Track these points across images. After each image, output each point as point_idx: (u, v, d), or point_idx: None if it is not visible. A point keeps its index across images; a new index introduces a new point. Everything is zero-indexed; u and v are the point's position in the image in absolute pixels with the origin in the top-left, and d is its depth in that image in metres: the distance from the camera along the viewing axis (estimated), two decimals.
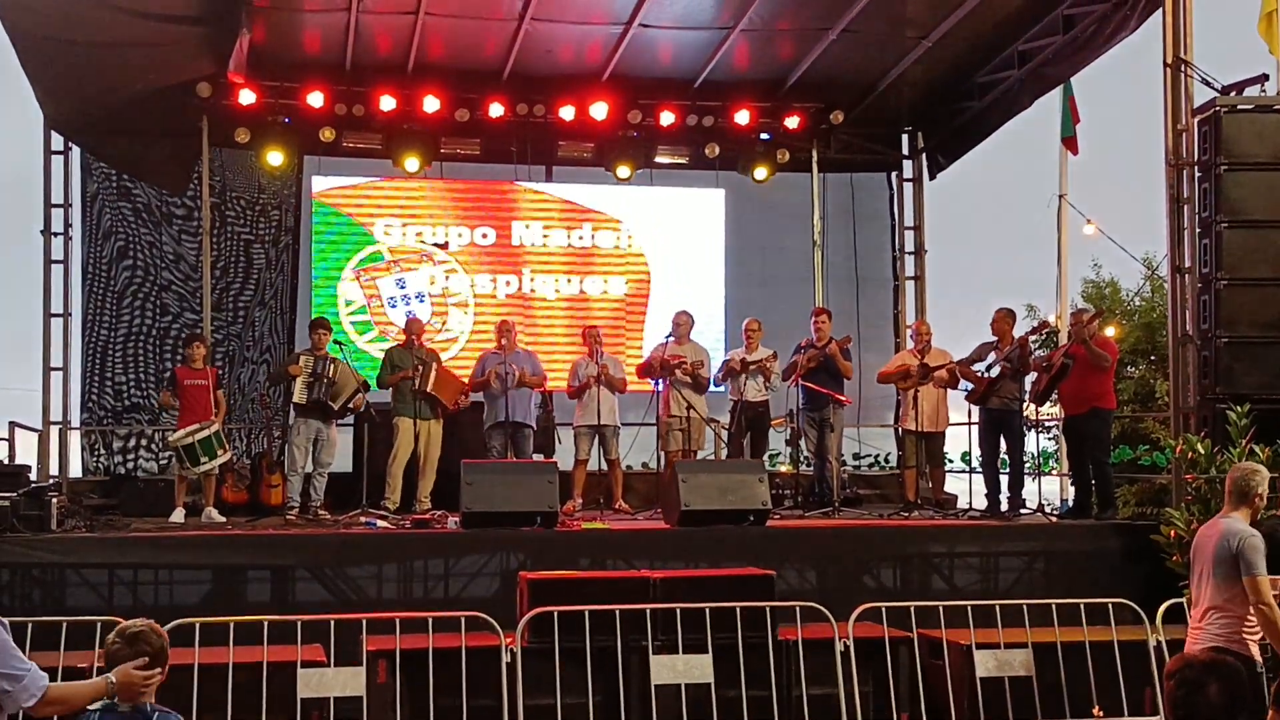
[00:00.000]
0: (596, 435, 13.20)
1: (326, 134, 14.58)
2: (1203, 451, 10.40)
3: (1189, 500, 10.44)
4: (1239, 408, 10.48)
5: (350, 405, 12.63)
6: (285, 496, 12.57)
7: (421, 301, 15.35)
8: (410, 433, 12.57)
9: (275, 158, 14.54)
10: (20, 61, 12.64)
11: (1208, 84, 11.41)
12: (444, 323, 15.47)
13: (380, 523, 11.48)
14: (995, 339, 12.80)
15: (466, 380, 13.33)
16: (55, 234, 14.71)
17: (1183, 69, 11.40)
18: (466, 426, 13.47)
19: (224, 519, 12.10)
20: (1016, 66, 14.52)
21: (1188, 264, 11.38)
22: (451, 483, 11.79)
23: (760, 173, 15.71)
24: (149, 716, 4.81)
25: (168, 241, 15.06)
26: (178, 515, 11.95)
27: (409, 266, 15.44)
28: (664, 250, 16.11)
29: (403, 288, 15.39)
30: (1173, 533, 10.27)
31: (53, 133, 14.59)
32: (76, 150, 14.79)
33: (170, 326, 14.99)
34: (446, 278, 15.52)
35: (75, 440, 14.79)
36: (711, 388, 13.68)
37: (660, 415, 13.36)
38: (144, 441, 14.87)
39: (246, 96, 14.12)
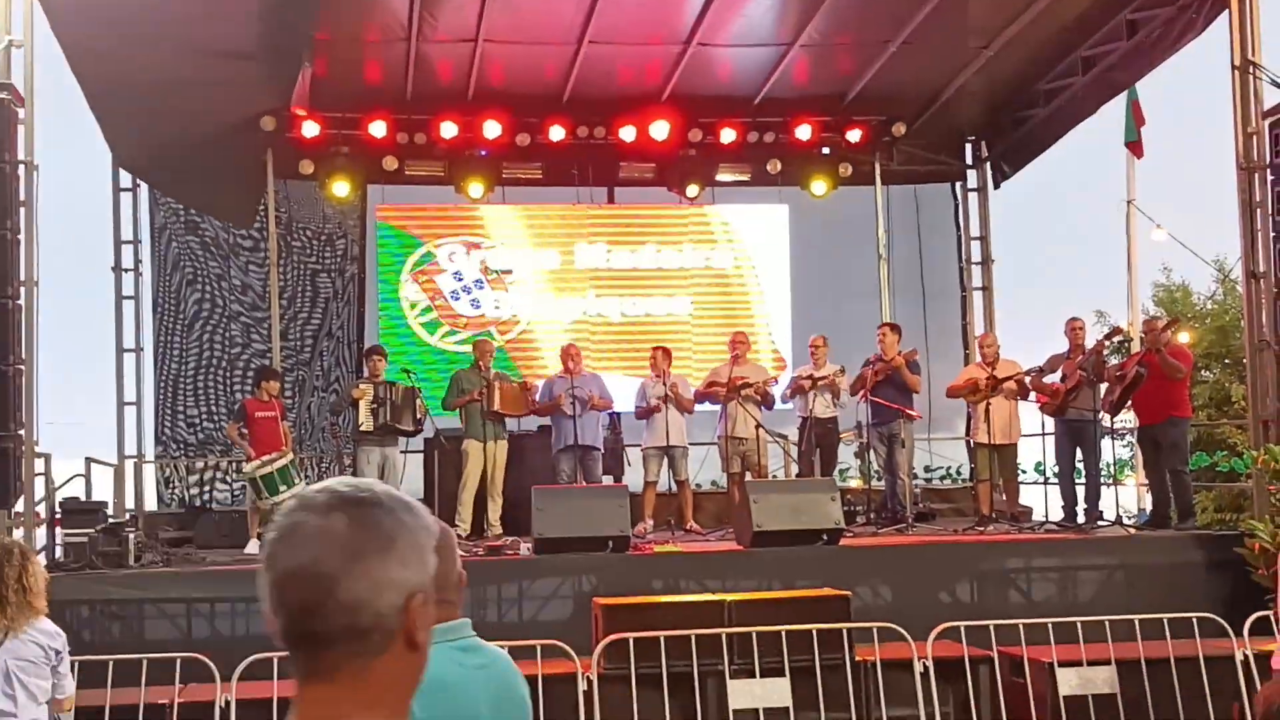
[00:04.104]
0: (665, 456, 13.16)
1: (389, 163, 14.68)
2: None
3: (1273, 512, 10.24)
4: None
5: (418, 417, 12.68)
6: None
7: (481, 287, 15.52)
8: (480, 457, 12.63)
9: (341, 188, 14.64)
10: (88, 103, 12.81)
11: (1278, 85, 11.23)
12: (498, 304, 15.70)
13: None
14: (1066, 350, 12.63)
15: (529, 388, 13.39)
16: (125, 270, 14.91)
17: (1251, 71, 11.23)
18: (534, 451, 13.50)
19: None
20: (1080, 73, 14.36)
21: (1262, 269, 11.19)
22: (521, 508, 11.81)
23: (820, 187, 15.59)
24: None
25: (235, 273, 15.22)
26: (253, 547, 11.99)
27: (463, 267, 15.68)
28: (728, 267, 16.08)
29: (460, 279, 15.55)
30: (1256, 546, 10.09)
31: (121, 170, 14.80)
32: (144, 186, 14.98)
33: (239, 357, 15.14)
34: (506, 306, 15.61)
35: (150, 473, 14.97)
36: (779, 405, 13.60)
37: (724, 436, 13.28)
38: (218, 474, 15.01)
39: (310, 129, 14.25)
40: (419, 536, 1.80)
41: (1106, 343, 13.05)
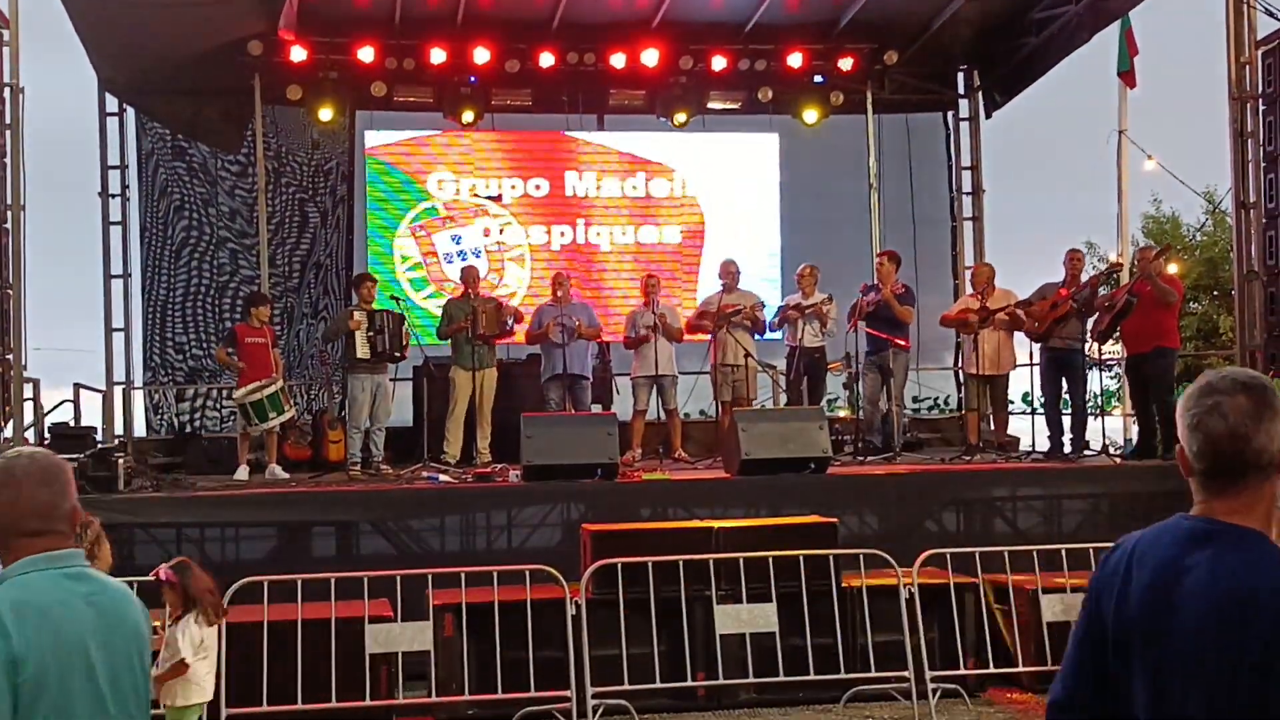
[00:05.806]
0: (654, 385, 13.17)
1: (378, 89, 14.55)
2: None
3: None
4: None
5: (405, 344, 12.65)
6: (347, 452, 12.63)
7: (478, 257, 15.35)
8: (467, 384, 12.62)
9: (326, 113, 14.53)
10: (73, 25, 12.69)
11: (1271, 15, 11.19)
12: (501, 277, 15.47)
13: (442, 476, 11.52)
14: (1062, 280, 12.57)
15: (506, 307, 13.33)
16: (113, 195, 14.83)
17: (1245, 0, 11.17)
18: (524, 379, 13.50)
19: (287, 475, 12.19)
20: (1074, 1, 14.25)
21: (1252, 199, 11.19)
22: (511, 435, 11.80)
23: (811, 115, 15.51)
24: None
25: (223, 199, 15.14)
26: (242, 473, 12.04)
27: (464, 221, 15.45)
28: (718, 196, 16.01)
29: (458, 243, 15.41)
30: None
31: (107, 94, 14.68)
32: (131, 111, 14.87)
33: (228, 284, 15.08)
34: (501, 230, 15.51)
35: (139, 399, 14.96)
36: (768, 334, 13.60)
37: (716, 364, 13.28)
38: (207, 400, 14.99)
39: (297, 53, 14.11)
40: None
41: (1101, 278, 13.02)
